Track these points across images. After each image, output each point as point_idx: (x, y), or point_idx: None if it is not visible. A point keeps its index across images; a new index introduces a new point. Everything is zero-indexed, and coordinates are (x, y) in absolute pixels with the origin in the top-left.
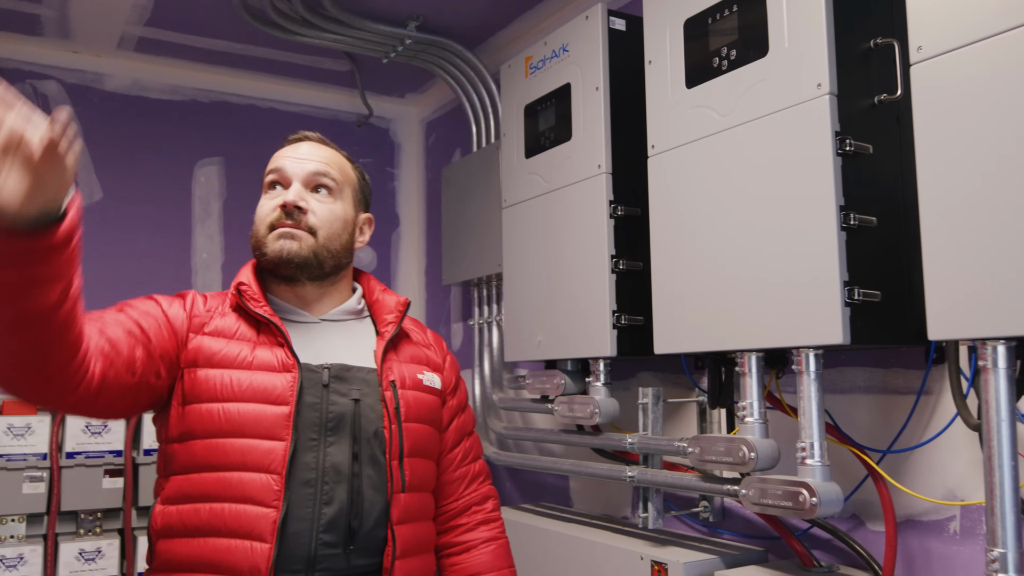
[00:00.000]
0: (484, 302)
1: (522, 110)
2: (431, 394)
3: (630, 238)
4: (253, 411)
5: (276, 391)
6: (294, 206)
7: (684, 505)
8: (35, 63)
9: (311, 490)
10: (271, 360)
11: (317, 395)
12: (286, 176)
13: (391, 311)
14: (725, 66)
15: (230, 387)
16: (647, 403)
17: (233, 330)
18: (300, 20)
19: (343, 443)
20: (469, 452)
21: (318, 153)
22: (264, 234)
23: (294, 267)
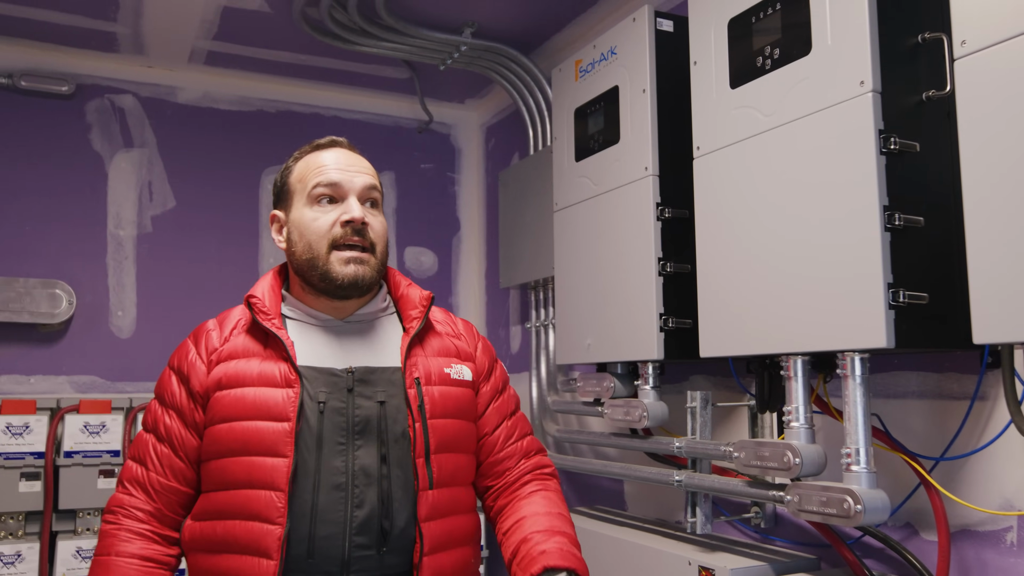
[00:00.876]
0: (540, 305)
1: (572, 113)
2: (461, 387)
3: (678, 240)
4: (256, 428)
5: (277, 407)
6: (362, 222)
7: (736, 510)
8: (112, 78)
9: (342, 493)
10: (273, 374)
11: (343, 399)
12: (343, 190)
13: (415, 306)
14: (768, 65)
15: (238, 405)
16: (695, 407)
17: (242, 348)
18: (357, 30)
19: (371, 446)
20: (513, 431)
21: (362, 163)
22: (326, 253)
23: (361, 291)
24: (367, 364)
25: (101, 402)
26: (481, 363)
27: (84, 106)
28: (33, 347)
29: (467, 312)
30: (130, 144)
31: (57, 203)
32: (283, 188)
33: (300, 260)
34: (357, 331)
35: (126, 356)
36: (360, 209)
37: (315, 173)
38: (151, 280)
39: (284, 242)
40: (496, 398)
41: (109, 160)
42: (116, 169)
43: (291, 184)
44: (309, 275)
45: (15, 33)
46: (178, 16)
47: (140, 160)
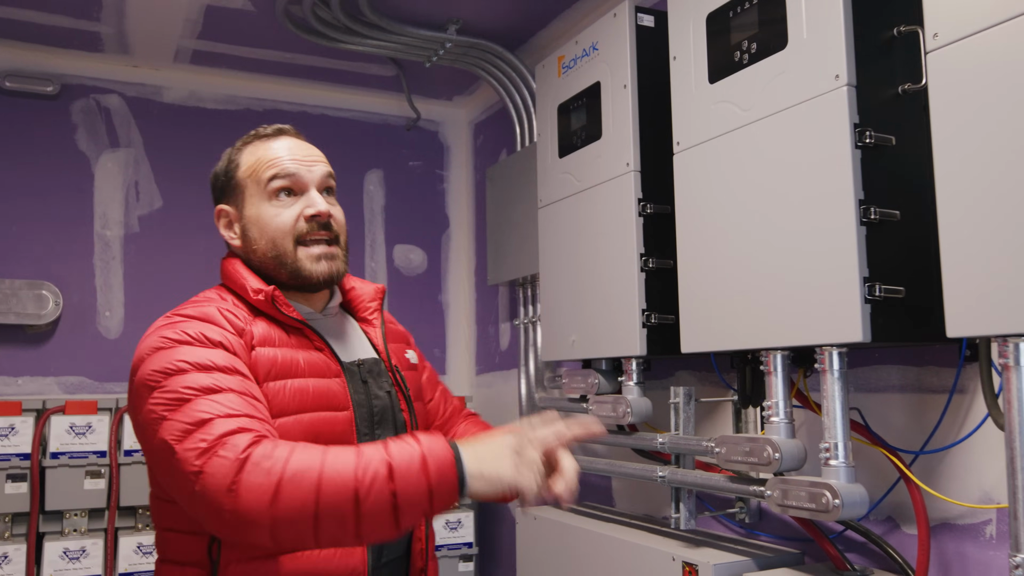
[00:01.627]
0: (528, 302)
1: (555, 109)
2: (416, 370)
3: (660, 236)
4: (324, 418)
5: (336, 396)
6: (328, 215)
7: (721, 506)
8: (97, 78)
9: None
10: (319, 364)
11: (361, 392)
12: (302, 182)
13: (372, 299)
14: (746, 60)
15: (298, 397)
16: (678, 402)
17: (272, 336)
18: (341, 28)
19: (387, 434)
20: (447, 395)
21: (315, 151)
22: (291, 249)
23: (334, 284)
24: (361, 356)
25: (87, 403)
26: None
27: (69, 106)
28: (20, 348)
29: (457, 310)
30: (116, 144)
31: (43, 204)
32: (229, 182)
33: (264, 257)
34: (337, 324)
35: (114, 357)
36: (323, 201)
37: (268, 165)
38: (139, 280)
39: (238, 239)
40: (426, 371)
41: (95, 160)
42: (102, 169)
43: (239, 178)
44: (277, 272)
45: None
46: (161, 15)
47: (126, 160)
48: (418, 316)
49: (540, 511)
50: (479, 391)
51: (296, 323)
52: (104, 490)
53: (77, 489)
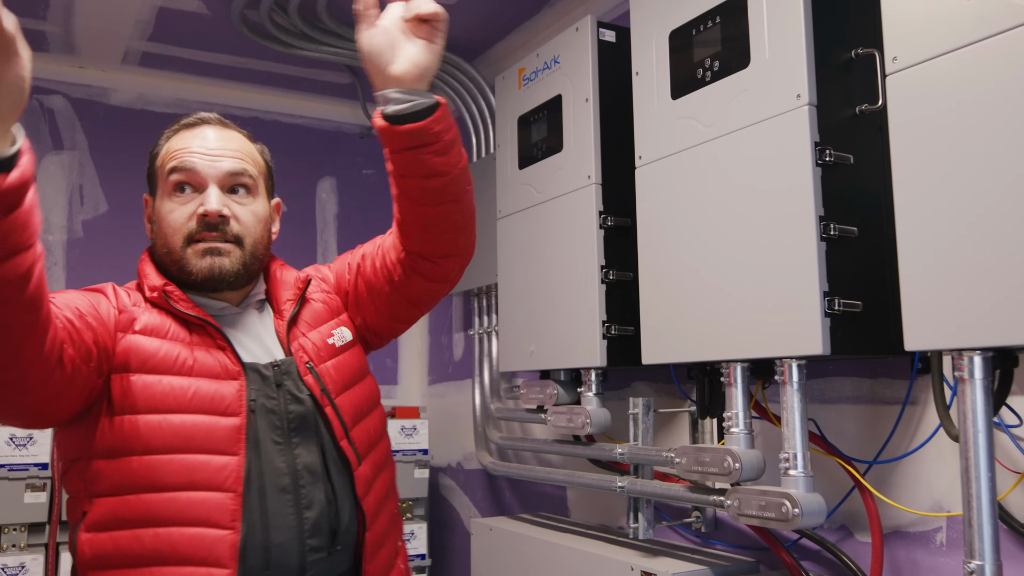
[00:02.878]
0: (483, 312)
1: (516, 121)
2: (347, 350)
3: (620, 248)
4: (202, 423)
5: (224, 401)
6: (218, 215)
7: (677, 515)
8: (42, 78)
9: (289, 496)
10: (213, 365)
11: (273, 396)
12: (199, 178)
13: (289, 288)
14: (709, 77)
15: (172, 396)
16: (637, 413)
17: (164, 328)
18: (299, 34)
19: (310, 443)
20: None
21: (229, 144)
22: (181, 247)
23: (225, 284)
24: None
25: None
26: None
27: None
28: None
29: None
30: (60, 146)
31: None
32: (150, 171)
33: (159, 253)
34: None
35: None
36: (219, 200)
37: (171, 157)
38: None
39: (149, 231)
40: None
41: (37, 162)
42: (44, 172)
43: (156, 166)
44: (171, 269)
45: None
46: (111, 16)
47: (70, 163)
48: None
49: (495, 522)
50: (431, 401)
51: (196, 319)
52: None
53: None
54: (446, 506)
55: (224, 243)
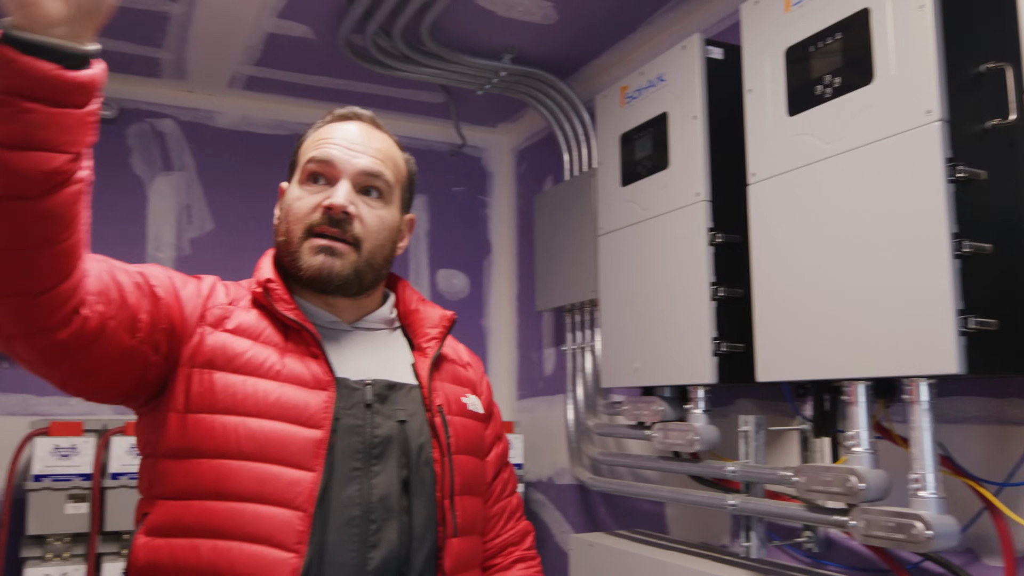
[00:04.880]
0: (577, 328)
1: (618, 139)
2: (475, 419)
3: (729, 265)
4: (280, 432)
5: (308, 411)
6: (343, 211)
7: (786, 534)
8: (153, 103)
9: (355, 530)
10: (303, 373)
11: (359, 416)
12: (334, 169)
13: (435, 325)
14: (829, 93)
15: (253, 398)
16: (748, 431)
17: (259, 330)
18: (399, 56)
19: (390, 472)
20: (507, 484)
21: (372, 143)
22: (300, 238)
23: (333, 286)
24: (383, 377)
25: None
26: (487, 401)
27: (126, 130)
28: None
29: (499, 335)
30: (170, 167)
31: (99, 226)
32: (293, 157)
33: (278, 242)
34: (365, 340)
35: None
36: (347, 195)
37: (313, 146)
38: None
39: (276, 219)
40: (497, 443)
41: (149, 183)
42: (156, 192)
43: (299, 153)
44: (285, 261)
45: None
46: (223, 42)
47: (179, 183)
48: (460, 340)
49: (594, 538)
50: (522, 416)
51: (293, 323)
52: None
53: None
54: (537, 521)
55: (341, 243)
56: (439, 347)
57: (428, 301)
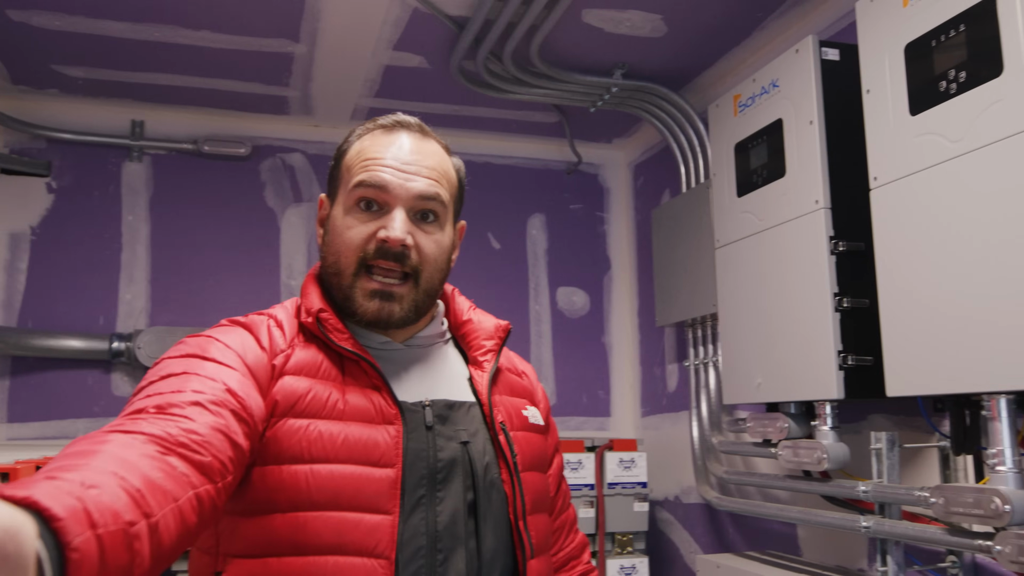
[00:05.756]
0: (699, 343)
1: (732, 148)
2: (537, 432)
3: (853, 274)
4: (352, 475)
5: (379, 449)
6: (401, 244)
7: (929, 559)
8: (283, 139)
9: (421, 562)
10: (366, 407)
11: (421, 440)
12: (387, 197)
13: (490, 336)
14: (954, 89)
15: (320, 443)
16: (881, 448)
17: (316, 365)
18: (512, 79)
19: (455, 496)
20: (566, 495)
21: (425, 161)
22: (352, 272)
23: (390, 327)
24: (440, 396)
25: None
26: (544, 411)
27: (259, 166)
28: None
29: (621, 351)
30: (299, 199)
31: (236, 257)
32: (335, 169)
33: (327, 270)
34: (419, 357)
35: None
36: (404, 227)
37: (362, 166)
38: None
39: (320, 237)
40: (556, 455)
41: (281, 215)
42: (287, 223)
43: (342, 167)
44: (336, 293)
45: (199, 103)
46: (344, 77)
47: (308, 213)
48: (582, 357)
49: (721, 559)
50: (646, 433)
51: (350, 354)
52: None
53: None
54: (664, 540)
55: (398, 282)
56: (496, 359)
57: (480, 309)
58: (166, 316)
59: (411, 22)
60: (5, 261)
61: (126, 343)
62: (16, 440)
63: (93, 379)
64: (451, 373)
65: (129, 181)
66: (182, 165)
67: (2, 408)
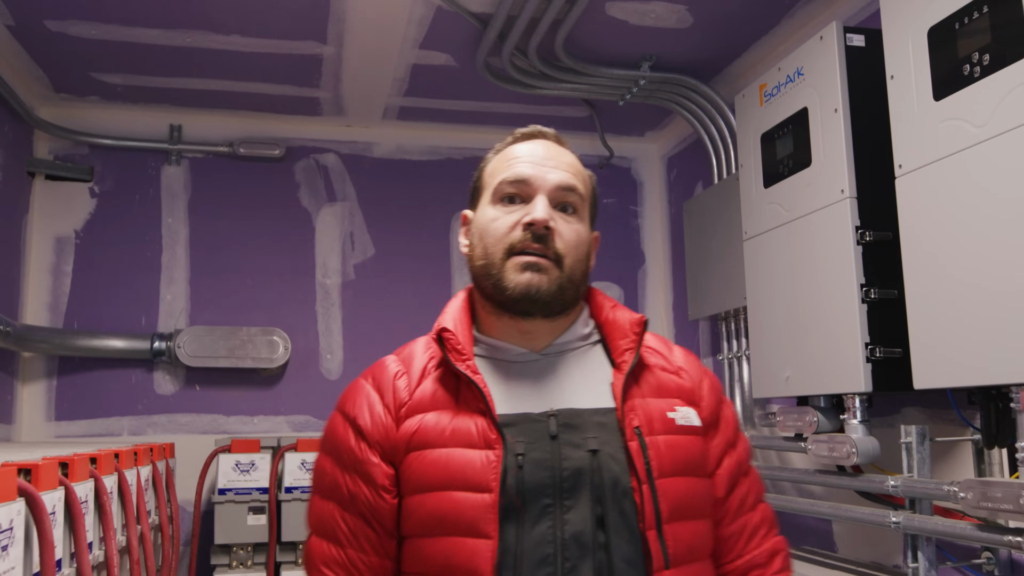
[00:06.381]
0: (732, 336)
1: (759, 139)
2: (689, 434)
3: (881, 264)
4: (452, 500)
5: (476, 474)
6: (544, 227)
7: (964, 555)
8: (316, 139)
9: (549, 569)
10: (470, 432)
11: (545, 450)
12: (529, 187)
13: (625, 334)
14: (978, 73)
15: (430, 472)
16: (911, 442)
17: (431, 398)
18: (538, 74)
19: (583, 506)
20: (747, 497)
21: (563, 158)
22: (502, 258)
23: (539, 305)
24: (571, 405)
25: (314, 441)
26: (709, 406)
27: (293, 167)
28: (255, 390)
29: None
30: (333, 198)
31: (272, 257)
32: (475, 185)
33: (476, 267)
34: (554, 365)
35: (336, 396)
36: (546, 210)
37: (504, 167)
38: (355, 324)
39: (467, 246)
40: (728, 452)
41: (316, 214)
42: (322, 222)
43: (483, 180)
44: (484, 285)
45: (234, 106)
46: (372, 77)
47: (342, 212)
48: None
49: None
50: None
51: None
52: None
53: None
54: None
55: (545, 259)
56: (634, 359)
57: (621, 306)
58: (205, 316)
59: (435, 20)
60: (51, 264)
61: (167, 342)
62: (64, 438)
63: (136, 378)
64: (592, 378)
65: (168, 184)
66: (219, 168)
67: (50, 407)
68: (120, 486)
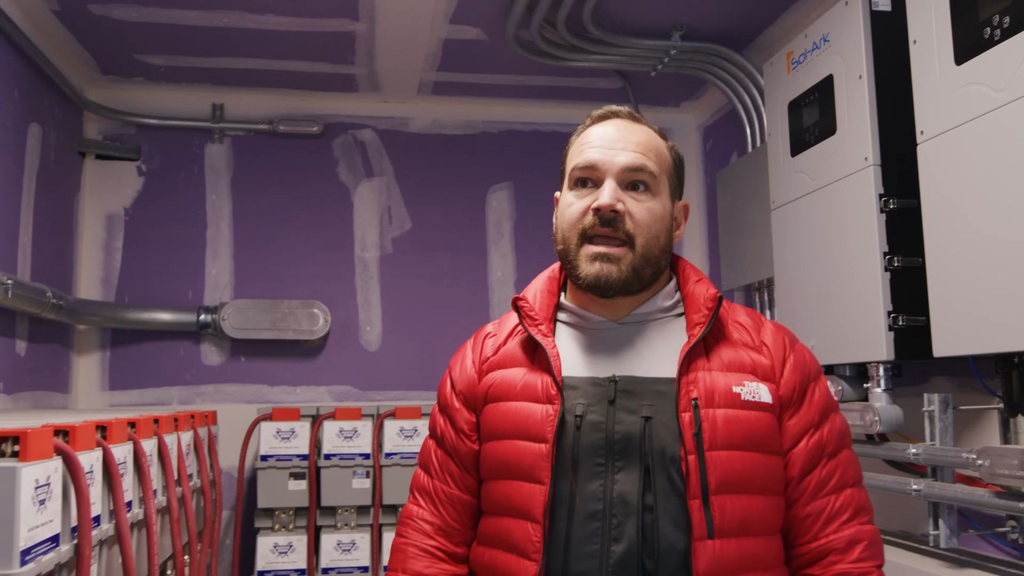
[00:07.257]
0: (765, 306)
1: (786, 107)
2: (755, 410)
3: (906, 232)
4: (515, 448)
5: (536, 425)
6: (611, 210)
7: (989, 524)
8: (354, 115)
9: (598, 524)
10: (536, 387)
11: (601, 413)
12: (598, 171)
13: (699, 308)
14: (998, 36)
15: (500, 422)
16: (933, 411)
17: (511, 356)
18: (568, 46)
19: (632, 470)
20: (827, 480)
21: (632, 138)
22: (576, 244)
23: (612, 291)
24: (634, 373)
25: (352, 409)
26: (790, 384)
27: (331, 143)
28: (297, 361)
29: None
30: (371, 173)
31: (312, 231)
32: (561, 168)
33: (558, 250)
34: (631, 334)
35: (375, 367)
36: (613, 194)
37: (577, 152)
38: (393, 297)
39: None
40: (808, 434)
41: (354, 189)
42: (360, 197)
43: (566, 161)
44: (565, 267)
45: (274, 84)
46: (405, 52)
47: (380, 187)
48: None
49: None
50: None
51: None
52: (369, 489)
53: (347, 487)
54: None
55: (616, 247)
56: (703, 332)
57: (704, 280)
58: (249, 289)
59: None
60: (103, 241)
61: (212, 315)
62: (117, 406)
63: (184, 350)
64: (664, 349)
65: (212, 162)
66: (259, 145)
67: (104, 377)
68: (160, 449)
